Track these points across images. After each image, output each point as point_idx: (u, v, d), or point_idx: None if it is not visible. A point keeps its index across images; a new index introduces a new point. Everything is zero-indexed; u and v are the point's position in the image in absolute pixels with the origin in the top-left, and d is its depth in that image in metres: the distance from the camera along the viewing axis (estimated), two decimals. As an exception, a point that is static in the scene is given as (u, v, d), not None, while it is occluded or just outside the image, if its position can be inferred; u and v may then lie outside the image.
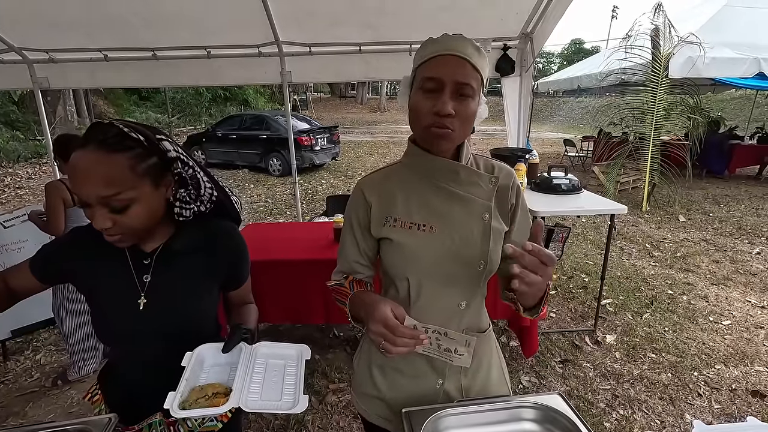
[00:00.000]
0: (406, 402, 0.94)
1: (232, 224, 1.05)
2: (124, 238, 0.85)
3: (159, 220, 0.91)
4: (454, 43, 0.80)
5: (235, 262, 1.03)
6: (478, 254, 0.89)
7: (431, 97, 0.80)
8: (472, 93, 0.80)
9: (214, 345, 0.89)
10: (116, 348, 1.00)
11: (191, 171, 0.92)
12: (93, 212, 0.81)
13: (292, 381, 0.85)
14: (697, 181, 7.52)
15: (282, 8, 2.85)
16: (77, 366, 2.48)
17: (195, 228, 0.97)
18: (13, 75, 3.26)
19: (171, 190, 0.90)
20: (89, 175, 0.78)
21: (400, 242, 0.89)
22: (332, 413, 2.21)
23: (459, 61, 0.78)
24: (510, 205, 0.93)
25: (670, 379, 2.44)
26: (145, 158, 0.83)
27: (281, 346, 0.94)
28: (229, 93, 19.09)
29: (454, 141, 0.84)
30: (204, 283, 0.99)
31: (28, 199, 7.40)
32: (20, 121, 11.57)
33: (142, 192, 0.83)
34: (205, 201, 0.97)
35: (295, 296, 2.39)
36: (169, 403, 0.74)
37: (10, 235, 2.80)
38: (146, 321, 0.92)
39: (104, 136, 0.80)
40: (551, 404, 0.87)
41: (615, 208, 2.73)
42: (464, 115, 0.80)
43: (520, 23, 3.10)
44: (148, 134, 0.85)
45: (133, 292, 0.92)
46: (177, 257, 0.95)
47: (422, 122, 0.82)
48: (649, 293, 3.51)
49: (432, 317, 0.92)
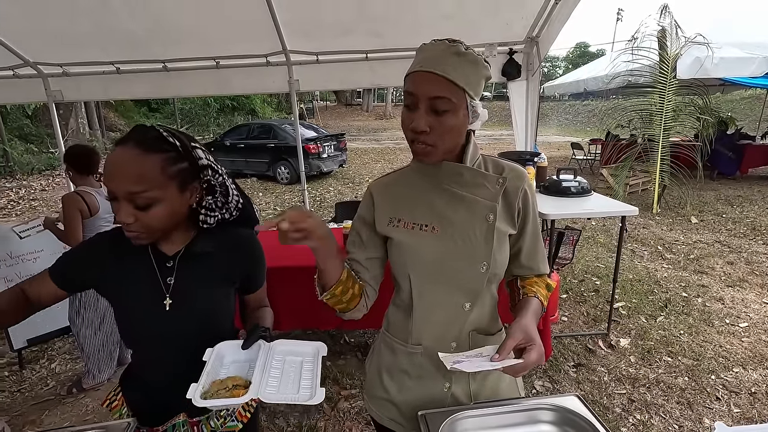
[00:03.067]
0: (415, 405, 0.94)
1: (250, 231, 1.08)
2: (142, 235, 0.88)
3: (178, 223, 0.93)
4: (430, 55, 0.79)
5: (252, 266, 1.06)
6: (481, 255, 0.88)
7: (409, 113, 0.82)
8: (449, 106, 0.79)
9: (233, 342, 0.92)
10: (140, 350, 1.02)
11: (221, 179, 0.96)
12: (118, 206, 0.84)
13: (309, 376, 0.87)
14: (708, 182, 7.43)
15: (289, 18, 2.89)
16: (92, 374, 2.50)
17: (215, 233, 0.99)
18: (28, 89, 3.34)
19: (195, 197, 0.93)
20: (122, 170, 0.82)
21: (402, 241, 0.91)
22: (344, 419, 2.20)
23: (431, 77, 0.78)
24: (518, 209, 0.92)
25: (687, 383, 2.40)
26: (176, 162, 0.87)
27: (298, 344, 0.96)
28: (237, 103, 19.33)
29: (437, 154, 0.84)
30: (223, 287, 1.01)
31: (42, 211, 7.52)
32: (34, 134, 11.83)
33: (167, 193, 0.86)
34: (232, 208, 1.00)
35: (305, 302, 2.39)
36: (191, 393, 0.76)
37: (26, 245, 2.84)
38: (171, 322, 0.94)
39: (144, 136, 0.85)
40: (569, 406, 0.87)
41: (626, 210, 2.71)
42: (441, 129, 0.80)
43: (525, 27, 3.10)
44: (184, 140, 0.90)
45: (158, 294, 0.95)
46: (198, 260, 0.98)
47: (407, 137, 0.85)
48: (662, 296, 3.46)
49: (435, 317, 0.93)
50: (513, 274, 0.99)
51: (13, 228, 2.80)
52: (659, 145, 5.92)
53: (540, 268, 0.99)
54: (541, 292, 0.96)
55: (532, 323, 0.84)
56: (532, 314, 0.87)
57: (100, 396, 2.47)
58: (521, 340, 0.79)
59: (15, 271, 2.83)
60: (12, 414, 2.31)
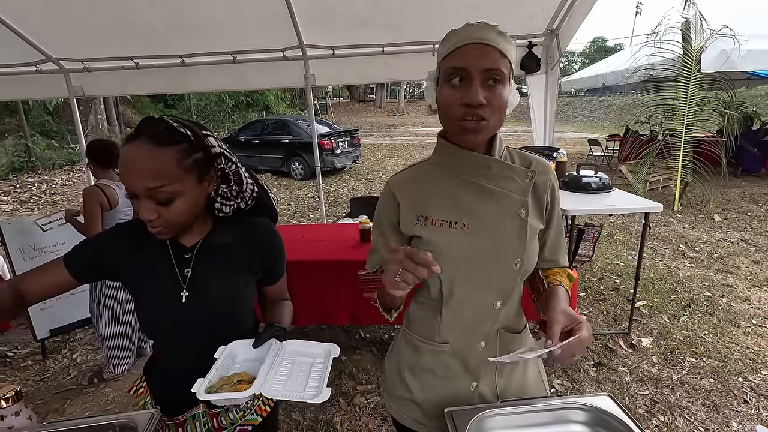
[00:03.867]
0: (438, 404, 0.91)
1: (269, 221, 1.06)
2: (166, 230, 0.87)
3: (199, 214, 0.92)
4: (476, 30, 0.76)
5: (271, 257, 1.04)
6: (514, 252, 0.85)
7: (459, 88, 0.76)
8: (502, 79, 0.76)
9: (246, 341, 0.91)
10: (160, 340, 1.02)
11: (234, 167, 0.94)
12: (139, 203, 0.83)
13: (317, 376, 0.85)
14: (732, 179, 7.21)
15: (306, 12, 2.88)
16: (112, 365, 2.55)
17: (233, 224, 0.98)
18: (50, 84, 3.40)
19: (213, 186, 0.91)
20: (138, 166, 0.80)
21: (432, 240, 0.85)
22: (361, 415, 2.19)
23: (484, 48, 0.75)
24: (546, 202, 0.90)
25: (713, 385, 2.32)
26: (191, 153, 0.85)
27: (310, 345, 0.94)
28: (251, 99, 19.46)
29: (488, 131, 0.80)
30: (242, 278, 1.00)
31: (63, 205, 7.69)
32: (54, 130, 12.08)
33: (186, 186, 0.84)
34: (247, 197, 0.99)
35: (321, 297, 2.40)
36: (196, 387, 0.76)
37: (48, 237, 2.90)
38: (188, 313, 0.93)
39: (154, 130, 0.82)
40: (601, 406, 0.84)
41: (649, 207, 2.63)
42: (496, 103, 0.76)
43: (546, 20, 3.04)
44: (195, 130, 0.87)
45: (175, 286, 0.94)
46: (216, 251, 0.97)
47: (453, 116, 0.78)
48: (685, 295, 3.37)
49: (465, 317, 0.90)
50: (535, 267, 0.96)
51: (36, 221, 2.86)
52: (681, 140, 5.76)
53: (561, 261, 0.97)
54: (564, 281, 0.94)
55: (568, 306, 0.82)
56: (565, 300, 0.85)
57: (120, 386, 2.51)
58: (566, 323, 0.76)
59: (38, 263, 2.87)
60: (36, 402, 2.36)
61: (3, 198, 8.11)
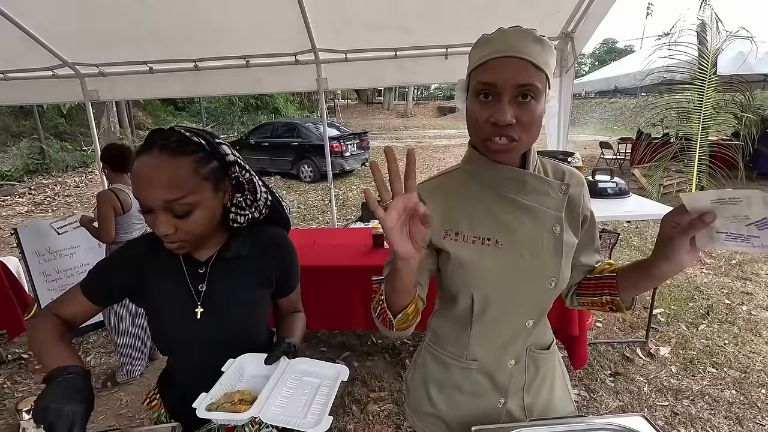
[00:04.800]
0: (466, 421, 0.89)
1: (283, 231, 1.05)
2: (184, 244, 0.85)
3: (216, 226, 0.90)
4: (511, 41, 0.70)
5: (285, 269, 1.02)
6: (549, 270, 0.82)
7: (488, 104, 0.72)
8: (536, 94, 0.70)
9: (256, 355, 0.88)
10: (174, 357, 1.01)
11: (248, 175, 0.92)
12: (155, 218, 0.80)
13: (321, 401, 0.81)
14: (749, 183, 7.08)
15: (319, 16, 2.87)
16: (125, 368, 2.55)
17: (247, 236, 0.96)
18: (66, 89, 3.43)
19: (228, 195, 0.90)
20: (154, 178, 0.78)
21: (464, 258, 0.81)
22: (374, 422, 2.17)
23: (517, 62, 0.69)
24: (583, 216, 0.86)
25: (735, 397, 2.26)
26: (206, 162, 0.83)
27: (320, 365, 0.91)
28: (261, 101, 19.59)
29: (519, 151, 0.76)
30: (257, 291, 0.98)
31: (76, 207, 7.79)
32: (68, 132, 12.28)
33: (203, 196, 0.82)
34: (261, 206, 0.97)
35: (334, 302, 2.38)
36: (198, 403, 0.75)
37: (63, 241, 2.93)
38: (204, 330, 0.92)
39: (167, 140, 0.80)
40: (634, 426, 0.81)
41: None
42: (528, 120, 0.71)
43: (560, 23, 3.00)
44: (209, 138, 0.86)
45: (190, 302, 0.92)
46: (230, 265, 0.95)
47: (480, 133, 0.75)
48: (703, 303, 3.30)
49: (496, 335, 0.87)
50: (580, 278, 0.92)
51: (52, 224, 2.89)
52: (697, 144, 5.66)
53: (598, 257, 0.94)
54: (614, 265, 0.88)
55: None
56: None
57: (134, 390, 2.52)
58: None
59: (53, 266, 2.92)
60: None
61: (18, 200, 8.23)
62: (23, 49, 3.03)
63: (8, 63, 3.23)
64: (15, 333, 2.85)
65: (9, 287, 2.68)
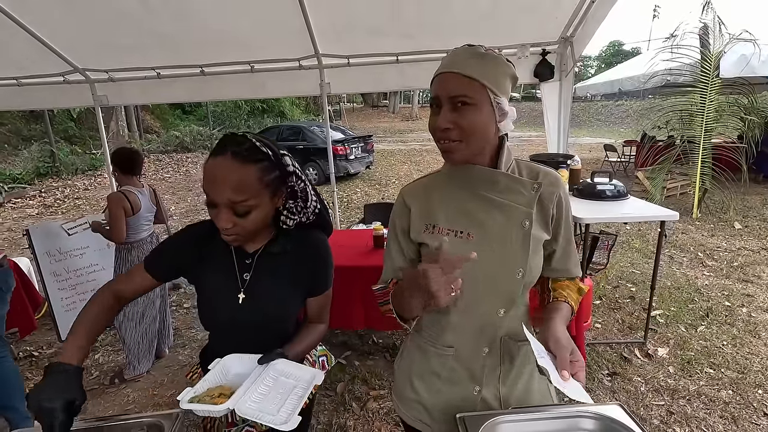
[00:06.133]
0: (444, 407, 0.96)
1: (324, 237, 1.12)
2: (239, 238, 0.95)
3: (267, 225, 1.00)
4: (451, 58, 0.83)
5: (320, 269, 1.09)
6: (517, 262, 0.88)
7: (435, 114, 0.84)
8: (470, 101, 0.80)
9: (241, 356, 0.95)
10: (215, 334, 1.11)
11: (302, 185, 1.02)
12: (218, 212, 0.90)
13: (293, 402, 0.87)
14: (753, 186, 7.04)
15: (322, 22, 2.94)
16: (133, 365, 2.62)
17: (292, 235, 1.05)
18: (76, 94, 3.53)
19: (281, 201, 0.99)
20: (224, 180, 0.87)
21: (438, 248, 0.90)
22: (374, 420, 2.22)
23: (451, 76, 0.81)
24: (552, 214, 0.92)
25: (731, 397, 2.28)
26: (270, 171, 0.93)
27: (298, 367, 0.96)
28: (266, 105, 19.75)
29: (465, 152, 0.84)
30: (292, 288, 1.06)
31: (85, 209, 7.92)
32: (77, 136, 12.48)
33: (262, 201, 0.92)
34: (310, 213, 1.06)
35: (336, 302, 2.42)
36: (182, 396, 0.82)
37: (73, 241, 3.02)
38: (243, 314, 1.02)
39: (239, 147, 0.89)
40: (612, 415, 0.85)
41: (665, 215, 2.61)
42: (466, 124, 0.80)
43: (559, 27, 3.05)
44: (275, 149, 0.95)
45: (234, 288, 1.02)
46: (274, 260, 1.04)
47: (434, 138, 0.86)
48: (703, 304, 3.31)
49: (469, 323, 0.93)
50: (544, 276, 0.99)
51: (62, 225, 2.97)
52: (700, 146, 5.66)
53: (572, 271, 0.99)
54: (572, 296, 0.96)
55: (566, 332, 0.85)
56: (563, 322, 0.89)
57: (141, 386, 2.58)
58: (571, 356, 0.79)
59: (63, 266, 3.00)
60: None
61: (29, 202, 8.39)
62: (36, 56, 3.13)
63: (21, 69, 3.33)
64: (26, 331, 2.94)
65: (21, 287, 2.76)
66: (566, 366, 0.76)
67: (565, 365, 0.76)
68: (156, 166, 11.92)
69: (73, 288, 3.04)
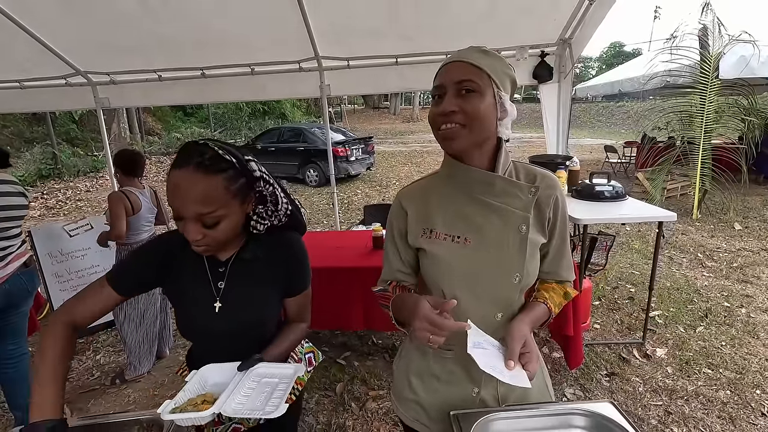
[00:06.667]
0: (442, 408, 0.96)
1: (297, 235, 1.12)
2: (209, 249, 0.94)
3: (239, 231, 0.99)
4: (457, 54, 0.85)
5: (295, 269, 1.09)
6: (514, 266, 0.88)
7: (438, 103, 0.84)
8: (476, 87, 0.80)
9: (219, 365, 0.95)
10: (196, 343, 1.12)
11: (271, 188, 1.01)
12: (186, 225, 0.88)
13: (279, 394, 0.88)
14: (753, 186, 7.04)
15: (322, 24, 2.96)
16: (134, 366, 2.64)
17: (264, 239, 1.04)
18: (78, 96, 3.56)
19: (251, 206, 0.98)
20: (189, 193, 0.85)
21: (435, 254, 0.90)
22: (372, 419, 2.23)
23: (457, 64, 0.82)
24: (549, 218, 0.92)
25: (729, 397, 2.29)
26: (237, 179, 0.91)
27: (278, 366, 0.97)
28: (268, 107, 19.80)
29: (467, 139, 0.82)
30: (269, 290, 1.06)
31: (87, 210, 7.95)
32: (79, 138, 12.52)
33: (231, 210, 0.91)
34: (281, 216, 1.05)
35: (335, 303, 2.45)
36: (162, 408, 0.80)
37: (75, 243, 3.04)
38: (221, 322, 1.01)
39: (202, 157, 0.87)
40: (603, 412, 0.86)
41: (663, 215, 2.62)
42: (469, 109, 0.80)
43: (558, 29, 3.06)
44: (239, 156, 0.93)
45: (210, 297, 1.02)
46: (247, 266, 1.03)
47: (434, 126, 0.85)
48: (702, 305, 3.31)
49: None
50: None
51: (64, 227, 3.00)
52: (700, 147, 5.66)
53: (562, 274, 0.99)
54: (553, 299, 0.96)
55: (529, 329, 0.88)
56: (532, 321, 0.90)
57: (141, 387, 2.60)
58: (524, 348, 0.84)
59: (65, 267, 3.02)
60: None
61: (31, 204, 8.42)
62: (38, 59, 3.16)
63: (24, 72, 3.36)
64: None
65: (23, 287, 2.77)
66: (513, 357, 0.81)
67: (512, 356, 0.81)
68: (157, 168, 11.96)
69: (74, 289, 3.06)
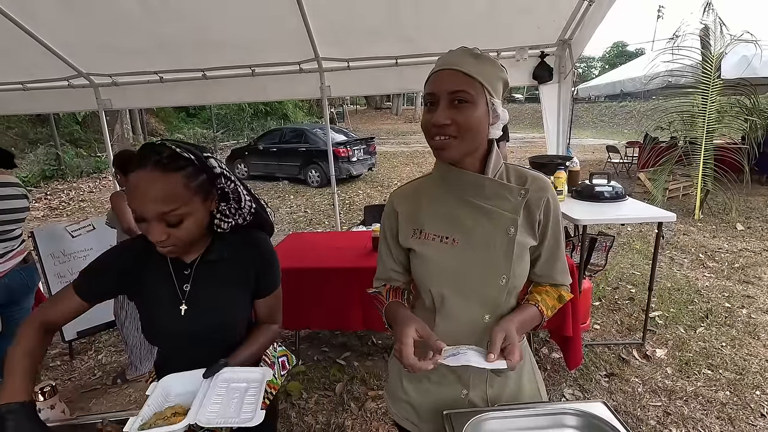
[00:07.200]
0: (432, 408, 0.97)
1: (264, 235, 1.11)
2: (175, 249, 0.93)
3: (204, 231, 0.98)
4: (449, 57, 0.83)
5: (264, 269, 1.07)
6: (501, 268, 0.89)
7: (431, 111, 0.83)
8: (468, 98, 0.80)
9: (181, 374, 0.93)
10: (162, 348, 1.10)
11: (233, 185, 0.99)
12: (149, 226, 0.88)
13: (252, 400, 0.87)
14: (756, 187, 7.01)
15: (322, 26, 2.98)
16: (135, 366, 2.66)
17: (229, 239, 1.03)
18: (81, 98, 3.59)
19: (215, 204, 0.97)
20: (149, 193, 0.85)
21: (424, 254, 0.91)
22: (371, 420, 2.24)
23: (450, 72, 0.81)
24: (539, 220, 0.91)
25: (729, 398, 2.29)
26: (196, 176, 0.90)
27: (245, 371, 0.96)
28: (270, 108, 19.86)
29: (459, 149, 0.83)
30: (237, 291, 1.05)
31: (90, 211, 8.00)
32: (83, 139, 12.59)
33: (194, 207, 0.90)
34: (245, 214, 1.04)
35: (335, 303, 2.46)
36: (128, 426, 0.77)
37: (77, 243, 3.06)
38: (187, 326, 0.99)
39: (159, 156, 0.86)
40: (595, 412, 0.87)
41: (662, 216, 2.61)
42: (462, 121, 0.80)
43: (557, 30, 3.07)
44: (197, 153, 0.92)
45: (175, 301, 1.00)
46: (213, 267, 1.02)
47: (427, 135, 0.85)
48: (703, 306, 3.31)
49: (455, 327, 0.93)
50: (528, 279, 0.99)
51: (66, 227, 3.02)
52: (701, 147, 5.65)
53: (556, 278, 0.98)
54: (546, 301, 0.96)
55: (514, 326, 0.87)
56: (519, 320, 0.90)
57: (142, 387, 2.62)
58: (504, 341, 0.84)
59: (67, 268, 3.04)
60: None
61: (35, 204, 8.47)
62: (41, 62, 3.19)
63: (27, 74, 3.39)
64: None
65: (26, 287, 2.80)
66: (494, 350, 0.82)
67: (493, 349, 0.82)
68: (160, 169, 11.99)
69: (76, 289, 3.08)
